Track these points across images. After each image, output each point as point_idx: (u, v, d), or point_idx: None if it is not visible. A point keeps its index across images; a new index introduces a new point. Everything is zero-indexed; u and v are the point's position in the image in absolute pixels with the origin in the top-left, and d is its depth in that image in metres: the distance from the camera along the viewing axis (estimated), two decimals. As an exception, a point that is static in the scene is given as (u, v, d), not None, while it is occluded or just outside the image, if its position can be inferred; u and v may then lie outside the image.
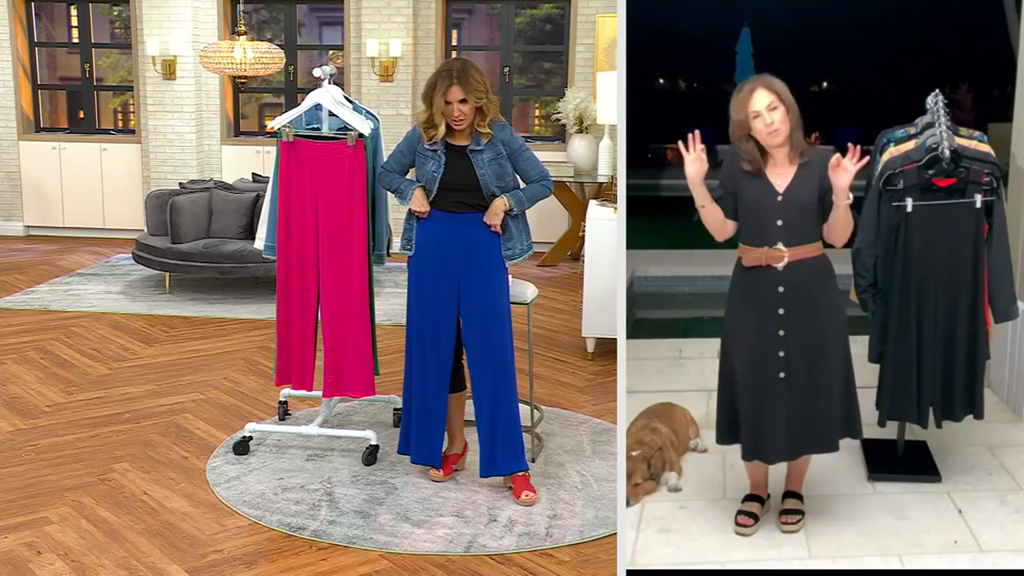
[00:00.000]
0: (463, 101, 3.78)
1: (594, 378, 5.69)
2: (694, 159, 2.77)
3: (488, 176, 3.85)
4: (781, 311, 2.90)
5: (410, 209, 3.96)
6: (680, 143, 2.76)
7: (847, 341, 2.95)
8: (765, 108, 2.77)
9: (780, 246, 2.86)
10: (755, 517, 2.94)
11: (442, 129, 3.83)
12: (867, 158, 2.75)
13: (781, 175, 2.85)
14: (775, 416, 2.92)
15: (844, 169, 2.75)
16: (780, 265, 2.87)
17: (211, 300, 7.41)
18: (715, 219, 2.90)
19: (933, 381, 3.02)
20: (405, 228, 4.01)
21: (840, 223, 2.83)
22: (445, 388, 4.04)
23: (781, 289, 2.88)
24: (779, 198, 2.85)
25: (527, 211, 3.99)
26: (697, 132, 2.74)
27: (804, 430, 2.93)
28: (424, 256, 3.97)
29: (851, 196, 2.78)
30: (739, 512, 2.95)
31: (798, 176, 2.84)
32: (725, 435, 3.02)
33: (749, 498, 3.00)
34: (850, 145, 2.74)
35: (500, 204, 3.87)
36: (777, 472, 3.03)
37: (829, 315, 2.92)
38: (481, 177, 3.84)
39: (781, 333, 2.90)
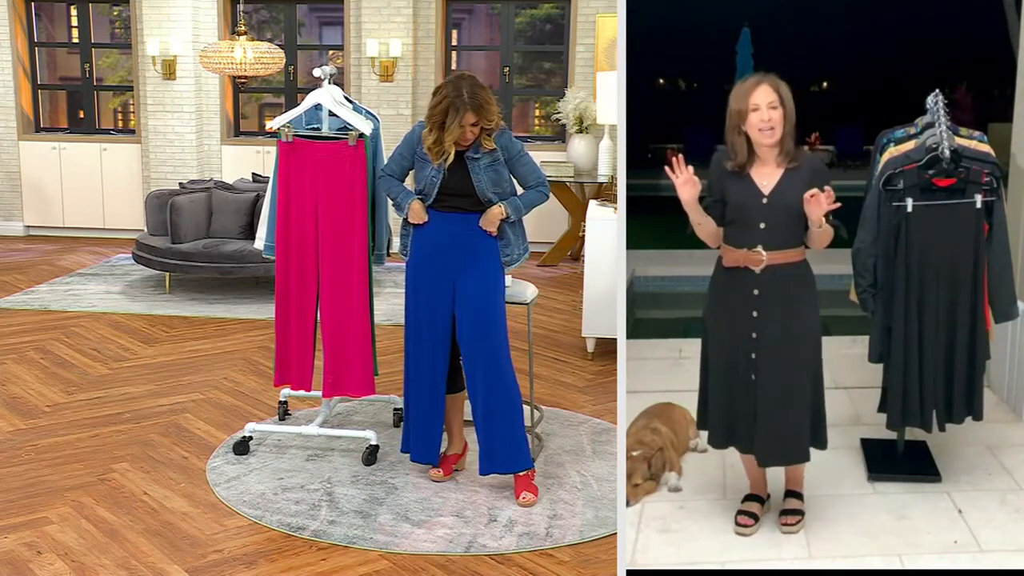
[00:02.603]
0: (474, 124, 3.78)
1: (594, 378, 5.69)
2: (684, 181, 2.76)
3: (484, 183, 3.85)
4: (755, 314, 2.89)
5: (407, 219, 3.96)
6: (667, 168, 2.76)
7: (819, 349, 2.93)
8: (766, 104, 2.76)
9: (759, 249, 2.85)
10: (755, 517, 2.94)
11: (452, 155, 3.82)
12: (839, 204, 2.74)
13: (767, 176, 2.84)
14: (745, 414, 2.93)
15: (818, 203, 2.72)
16: (757, 268, 2.86)
17: (211, 300, 7.41)
18: (711, 231, 2.90)
19: (935, 383, 3.02)
20: (402, 235, 4.01)
21: (814, 237, 2.83)
22: (441, 386, 4.04)
23: (756, 292, 2.88)
24: (764, 200, 2.84)
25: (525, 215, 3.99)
26: (680, 156, 2.75)
27: (774, 436, 2.92)
28: (421, 256, 3.97)
29: (824, 223, 2.76)
30: (739, 512, 2.95)
31: (784, 179, 2.83)
32: (705, 422, 3.05)
33: (749, 498, 3.00)
34: (828, 188, 2.72)
35: (497, 212, 3.87)
36: (776, 471, 3.03)
37: (803, 322, 2.90)
38: (476, 183, 3.84)
39: (754, 335, 2.90)
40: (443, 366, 4.02)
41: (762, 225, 2.84)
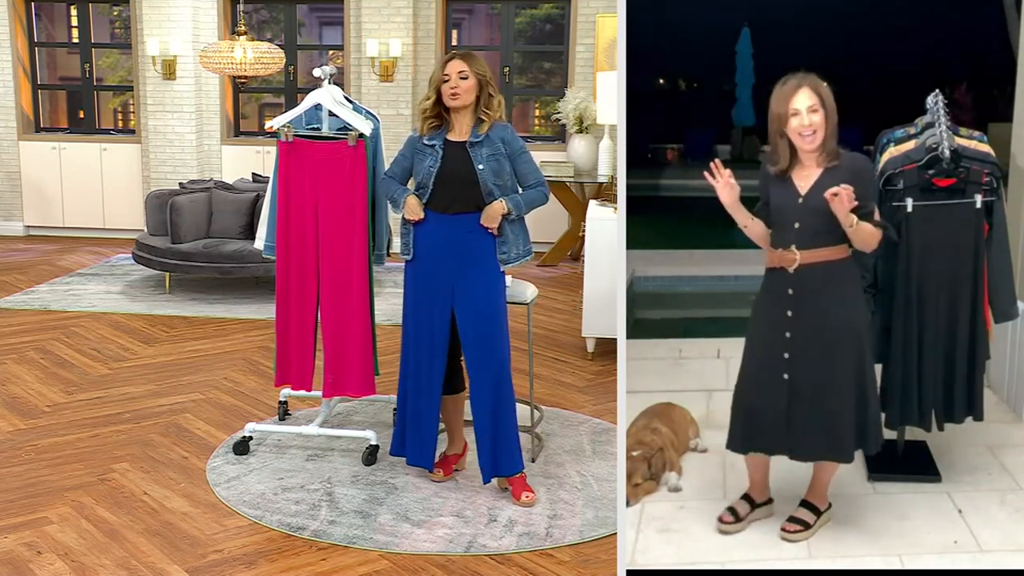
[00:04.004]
0: (463, 76, 3.78)
1: (594, 378, 5.69)
2: (723, 185, 2.77)
3: (486, 171, 3.83)
4: (789, 313, 2.88)
5: (404, 216, 3.95)
6: (706, 173, 2.76)
7: (863, 349, 2.89)
8: (806, 109, 2.76)
9: (793, 248, 2.85)
10: (736, 515, 2.93)
11: (430, 102, 3.83)
12: (856, 203, 2.72)
13: (806, 177, 2.84)
14: (775, 414, 2.91)
15: (841, 202, 2.71)
16: (791, 268, 2.86)
17: (211, 300, 7.41)
18: (758, 233, 2.90)
19: (934, 383, 3.02)
20: (402, 233, 3.99)
21: (853, 237, 2.81)
22: (438, 390, 4.02)
23: (790, 291, 2.87)
24: (800, 200, 2.84)
25: (525, 215, 3.98)
26: (718, 160, 2.75)
27: (812, 434, 2.91)
28: (420, 257, 3.96)
29: (856, 222, 2.74)
30: (726, 508, 2.95)
31: (822, 179, 2.81)
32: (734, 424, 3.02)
33: (742, 497, 3.00)
34: (847, 187, 2.70)
35: (498, 207, 3.84)
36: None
37: (840, 322, 2.87)
38: (479, 172, 3.82)
39: (788, 335, 2.89)
40: (442, 368, 4.01)
41: (796, 225, 2.84)
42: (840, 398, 2.89)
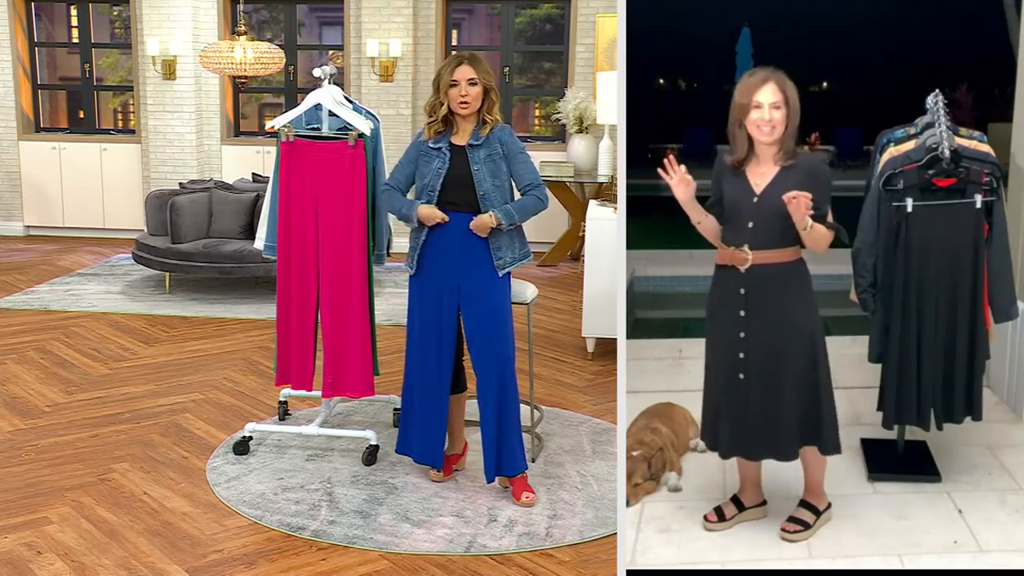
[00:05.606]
0: (472, 83, 3.79)
1: (594, 378, 5.69)
2: (678, 182, 2.75)
3: (482, 172, 3.83)
4: (742, 313, 2.87)
5: (423, 224, 3.87)
6: (660, 170, 2.75)
7: (816, 351, 2.88)
8: (769, 104, 2.73)
9: (745, 248, 2.84)
10: (722, 516, 2.93)
11: (443, 110, 3.82)
12: (812, 211, 2.72)
13: (762, 175, 2.82)
14: (734, 415, 2.92)
15: (798, 205, 2.70)
16: (743, 267, 2.84)
17: (211, 300, 7.41)
18: (711, 229, 2.89)
19: (934, 382, 3.02)
20: (412, 246, 3.97)
21: (807, 239, 2.79)
22: (447, 388, 4.03)
23: (742, 291, 2.86)
24: (754, 199, 2.82)
25: (521, 223, 3.95)
26: (671, 156, 2.74)
27: (761, 434, 2.91)
28: (426, 262, 3.95)
29: (810, 225, 2.74)
30: (713, 508, 2.95)
31: (777, 179, 2.80)
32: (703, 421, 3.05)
33: (731, 499, 3.00)
34: (804, 193, 2.70)
35: (487, 220, 3.81)
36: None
37: (794, 323, 2.86)
38: (475, 172, 3.82)
39: (742, 335, 2.88)
40: (450, 367, 4.01)
41: (750, 224, 2.82)
42: (788, 401, 2.87)
